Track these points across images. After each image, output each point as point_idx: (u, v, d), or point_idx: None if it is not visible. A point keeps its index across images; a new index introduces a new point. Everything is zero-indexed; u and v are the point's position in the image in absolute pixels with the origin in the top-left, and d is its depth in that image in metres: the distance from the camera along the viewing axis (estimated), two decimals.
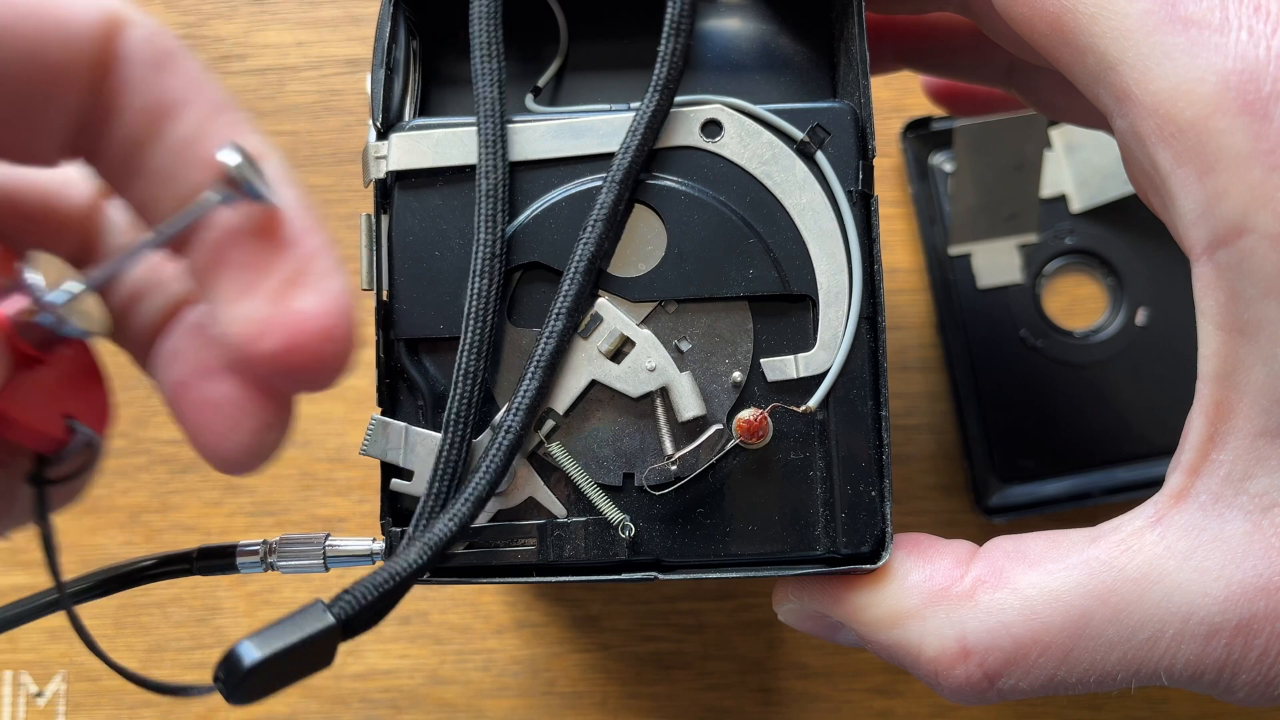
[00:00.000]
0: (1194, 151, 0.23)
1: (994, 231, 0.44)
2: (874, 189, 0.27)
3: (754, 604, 0.43)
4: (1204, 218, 0.23)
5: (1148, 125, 0.23)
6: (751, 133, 0.27)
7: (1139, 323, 0.44)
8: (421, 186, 0.27)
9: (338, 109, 0.47)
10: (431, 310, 0.27)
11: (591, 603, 0.44)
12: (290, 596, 0.44)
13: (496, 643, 0.44)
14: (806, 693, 0.43)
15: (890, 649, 0.26)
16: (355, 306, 0.21)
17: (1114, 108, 0.24)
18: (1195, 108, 0.22)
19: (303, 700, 0.44)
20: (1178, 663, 0.24)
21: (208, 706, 0.44)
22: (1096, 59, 0.24)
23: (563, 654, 0.44)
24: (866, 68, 0.27)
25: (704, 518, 0.27)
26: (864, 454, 0.26)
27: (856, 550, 0.26)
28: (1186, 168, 0.23)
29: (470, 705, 0.43)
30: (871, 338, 0.27)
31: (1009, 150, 0.42)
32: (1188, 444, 0.24)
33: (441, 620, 0.44)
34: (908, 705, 0.43)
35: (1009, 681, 0.25)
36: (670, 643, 0.44)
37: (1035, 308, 0.44)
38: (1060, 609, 0.24)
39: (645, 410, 0.27)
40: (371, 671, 0.44)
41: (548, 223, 0.27)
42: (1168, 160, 0.23)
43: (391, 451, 0.27)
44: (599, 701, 0.43)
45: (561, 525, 0.27)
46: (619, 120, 0.27)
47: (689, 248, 0.27)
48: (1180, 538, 0.24)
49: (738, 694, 0.43)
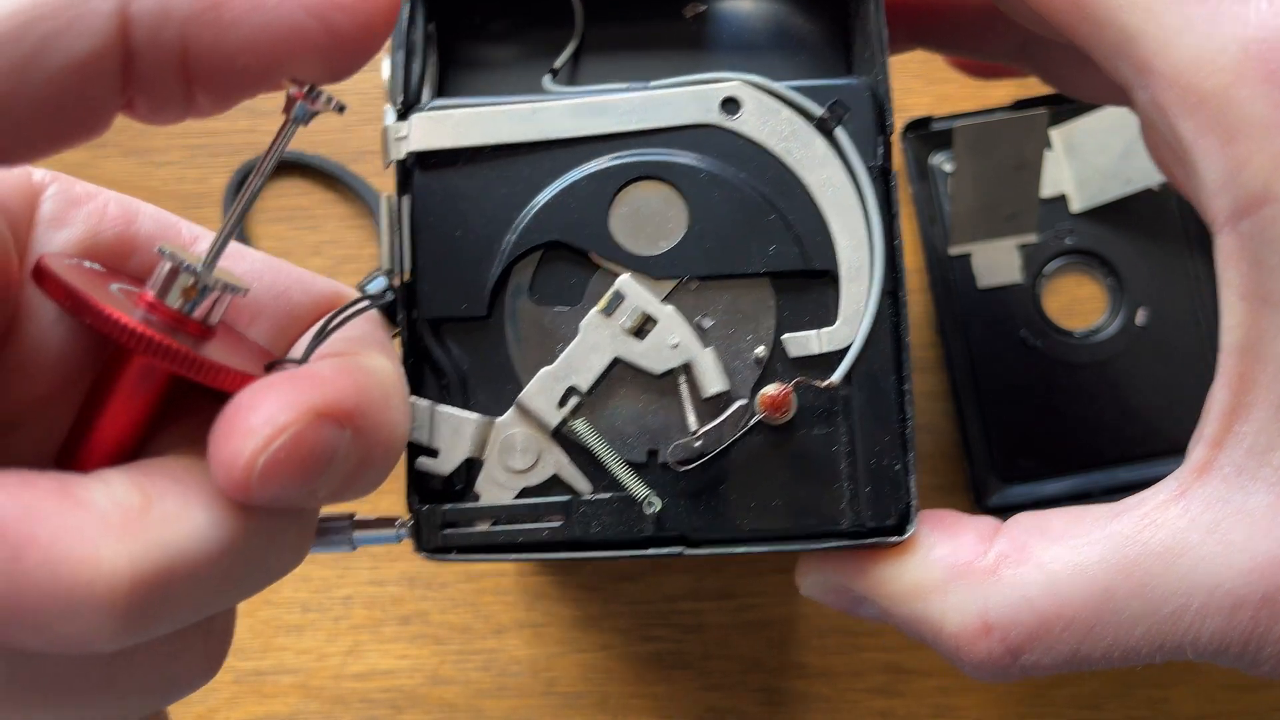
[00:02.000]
0: (1216, 121, 0.23)
1: (994, 231, 0.44)
2: (893, 164, 0.27)
3: (754, 604, 0.43)
4: (1227, 187, 0.23)
5: (1169, 96, 0.23)
6: (771, 110, 0.27)
7: (1139, 323, 0.44)
8: (442, 167, 0.27)
9: None
10: (454, 290, 0.27)
11: (591, 603, 0.44)
12: (290, 596, 0.44)
13: (496, 643, 0.44)
14: (807, 693, 0.43)
15: (912, 623, 0.26)
16: None
17: (1134, 80, 0.24)
18: (1217, 77, 0.23)
19: (303, 700, 0.44)
20: (1203, 636, 0.24)
21: (207, 707, 0.44)
22: (1116, 31, 0.24)
23: (563, 654, 0.44)
24: (884, 43, 0.27)
25: (729, 493, 0.27)
26: (888, 427, 0.27)
27: (881, 524, 0.27)
28: (1208, 138, 0.23)
29: (470, 705, 0.43)
30: (893, 312, 0.27)
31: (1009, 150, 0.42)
32: (1210, 416, 0.24)
33: (441, 620, 0.44)
34: (908, 705, 0.43)
35: (1031, 657, 0.25)
36: (670, 643, 0.44)
37: (1035, 308, 0.44)
38: (1084, 583, 0.24)
39: (668, 387, 0.27)
40: (371, 671, 0.44)
41: (569, 201, 0.27)
42: (1190, 131, 0.23)
43: (416, 430, 0.27)
44: (599, 701, 0.43)
45: (587, 502, 0.27)
46: (638, 99, 0.27)
47: (710, 225, 0.27)
48: (1204, 510, 0.24)
49: (738, 694, 0.43)
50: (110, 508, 0.19)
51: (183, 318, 0.22)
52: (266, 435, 0.19)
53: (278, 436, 0.19)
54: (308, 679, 0.44)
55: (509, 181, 0.27)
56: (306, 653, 0.44)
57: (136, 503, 0.19)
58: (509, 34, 0.30)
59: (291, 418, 0.20)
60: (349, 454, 0.21)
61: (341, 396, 0.21)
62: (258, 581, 0.22)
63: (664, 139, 0.27)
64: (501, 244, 0.27)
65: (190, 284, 0.22)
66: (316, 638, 0.44)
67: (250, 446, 0.19)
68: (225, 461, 0.20)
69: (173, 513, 0.19)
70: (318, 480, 0.20)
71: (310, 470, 0.20)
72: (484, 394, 0.27)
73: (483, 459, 0.27)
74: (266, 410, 0.20)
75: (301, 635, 0.44)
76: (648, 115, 0.27)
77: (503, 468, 0.27)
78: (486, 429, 0.27)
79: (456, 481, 0.27)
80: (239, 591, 0.22)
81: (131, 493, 0.19)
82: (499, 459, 0.27)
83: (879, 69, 0.27)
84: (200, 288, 0.22)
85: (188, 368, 0.21)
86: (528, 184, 0.27)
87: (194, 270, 0.22)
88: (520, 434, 0.27)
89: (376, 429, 0.21)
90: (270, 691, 0.44)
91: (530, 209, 0.27)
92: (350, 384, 0.21)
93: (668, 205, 0.27)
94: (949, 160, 0.45)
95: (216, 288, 0.22)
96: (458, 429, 0.27)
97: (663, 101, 0.27)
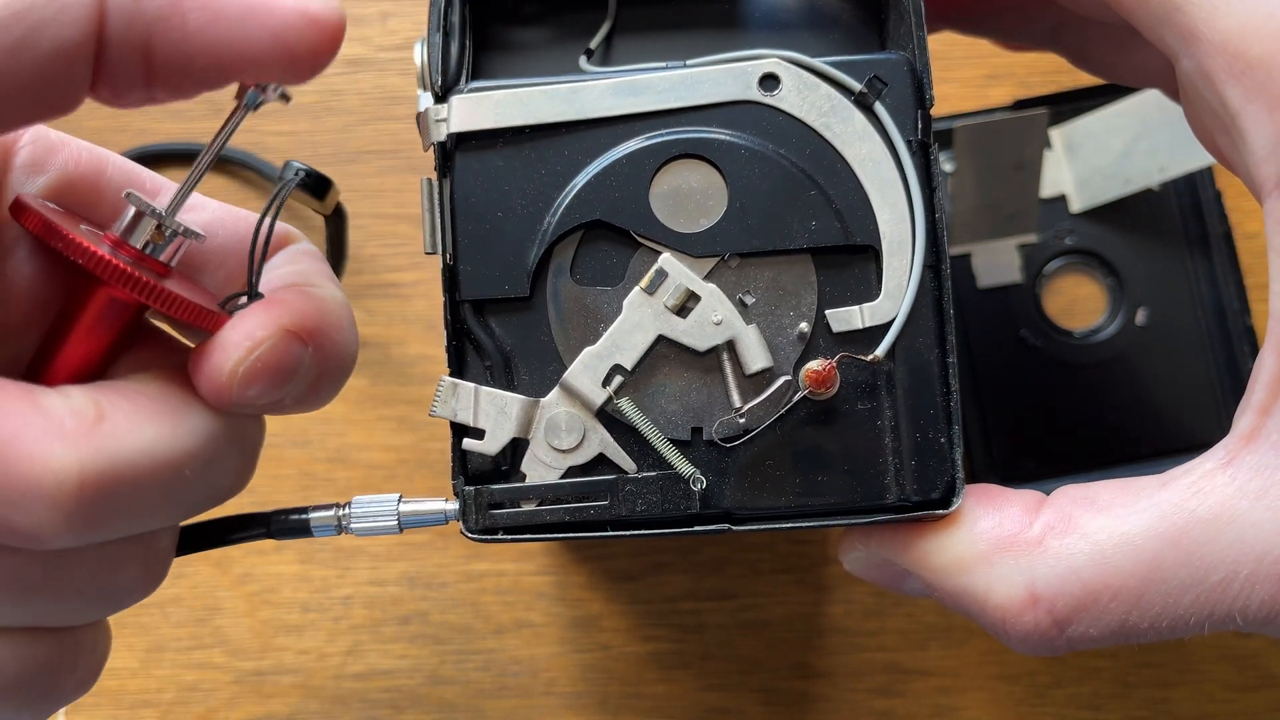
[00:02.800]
0: (1264, 87, 0.23)
1: (994, 231, 0.44)
2: (932, 138, 0.27)
3: (754, 604, 0.43)
4: (1275, 152, 0.23)
5: (1216, 63, 0.23)
6: (809, 85, 0.27)
7: (1139, 323, 0.44)
8: (482, 148, 0.27)
9: (338, 109, 0.47)
10: (496, 271, 0.27)
11: (591, 603, 0.44)
12: (290, 596, 0.44)
13: (496, 643, 0.44)
14: (806, 693, 0.43)
15: (957, 596, 0.26)
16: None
17: (1180, 48, 0.24)
18: (1265, 43, 0.23)
19: (303, 700, 0.44)
20: (1252, 604, 0.24)
21: (207, 707, 0.44)
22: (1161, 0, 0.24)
23: (563, 654, 0.44)
24: (921, 17, 0.27)
25: (773, 470, 0.27)
26: (932, 401, 0.27)
27: (927, 497, 0.26)
28: (1256, 104, 0.23)
29: (470, 705, 0.43)
30: (935, 286, 0.27)
31: (1009, 150, 0.42)
32: (1259, 383, 0.24)
33: (441, 620, 0.44)
34: (908, 705, 0.43)
35: (1079, 629, 0.25)
36: (670, 643, 0.44)
37: (1035, 308, 0.44)
38: (1131, 553, 0.24)
39: (711, 364, 0.27)
40: (371, 671, 0.44)
41: (609, 180, 0.27)
42: (1237, 97, 0.23)
43: (461, 412, 0.27)
44: (599, 701, 0.43)
45: (633, 480, 0.27)
46: (677, 77, 0.27)
47: (750, 201, 0.27)
48: (1252, 478, 0.24)
49: (738, 694, 0.43)
50: (66, 415, 0.21)
51: (145, 257, 0.24)
52: (246, 347, 0.23)
53: (256, 349, 0.23)
54: (308, 679, 0.44)
55: (549, 162, 0.27)
56: (306, 653, 0.44)
57: (90, 413, 0.21)
58: (540, 17, 0.30)
59: (267, 333, 0.23)
60: (310, 367, 0.24)
61: (305, 318, 0.24)
62: (200, 499, 0.24)
63: (703, 117, 0.27)
64: (542, 224, 0.27)
65: (154, 227, 0.24)
66: (316, 638, 0.44)
67: (233, 356, 0.23)
68: (209, 370, 0.23)
69: (124, 425, 0.22)
70: (285, 388, 0.24)
71: (280, 378, 0.24)
72: (527, 374, 0.27)
73: (528, 439, 0.27)
74: (246, 327, 0.23)
75: (301, 635, 0.44)
76: (686, 93, 0.27)
77: (548, 448, 0.27)
78: (531, 409, 0.27)
79: (502, 462, 0.27)
80: (182, 507, 0.24)
81: (88, 405, 0.22)
82: (544, 439, 0.27)
83: (916, 43, 0.27)
84: (165, 231, 0.24)
85: (147, 294, 0.23)
86: (568, 164, 0.27)
87: (158, 214, 0.24)
88: (565, 413, 0.27)
89: (333, 346, 0.25)
90: (270, 691, 0.44)
91: (571, 189, 0.27)
92: (312, 308, 0.24)
93: (708, 183, 0.27)
94: (949, 160, 0.45)
95: (179, 232, 0.24)
96: (503, 409, 0.27)
97: (701, 79, 0.27)
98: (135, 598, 0.25)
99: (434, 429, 0.45)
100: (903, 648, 0.43)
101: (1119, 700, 0.43)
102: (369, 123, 0.47)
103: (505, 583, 0.44)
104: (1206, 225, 0.44)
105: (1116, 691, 0.43)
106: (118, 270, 0.23)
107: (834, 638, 0.43)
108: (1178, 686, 0.42)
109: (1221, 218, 0.44)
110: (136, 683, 0.44)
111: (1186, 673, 0.43)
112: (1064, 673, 0.43)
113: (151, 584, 0.25)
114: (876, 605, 0.43)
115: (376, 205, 0.46)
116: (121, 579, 0.24)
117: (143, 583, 0.25)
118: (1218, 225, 0.44)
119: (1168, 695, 0.43)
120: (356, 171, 0.46)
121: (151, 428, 0.22)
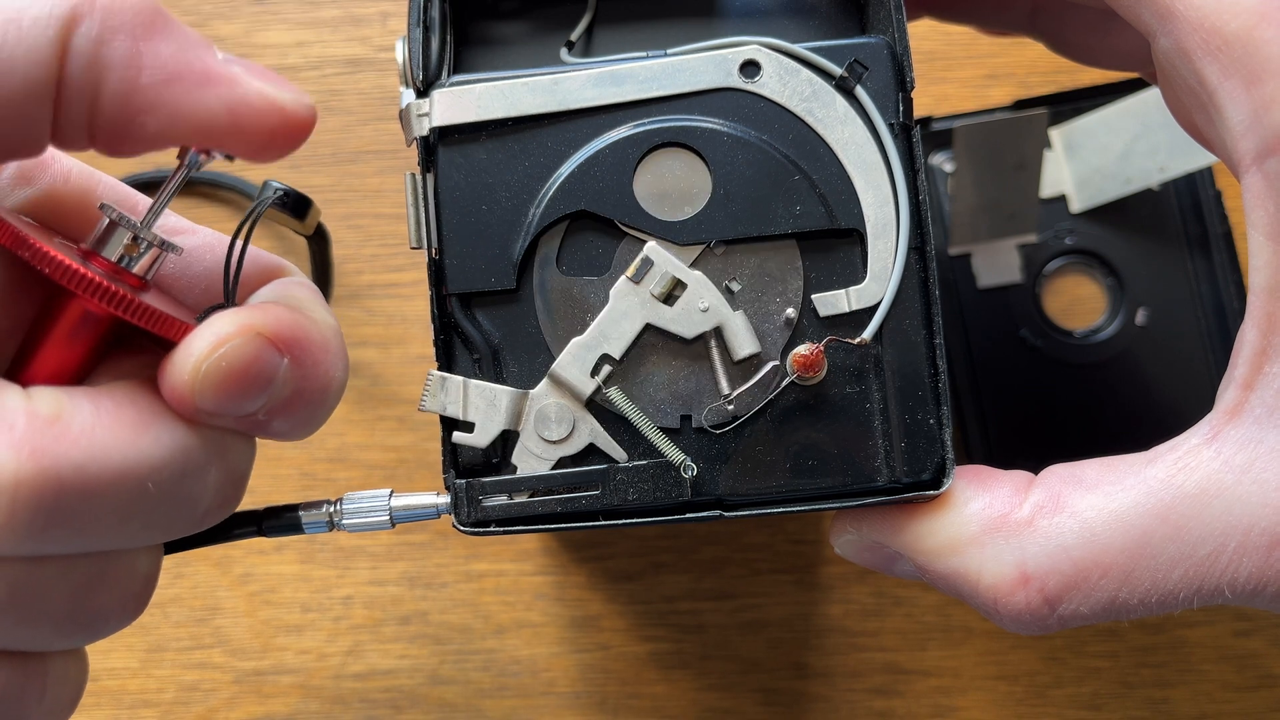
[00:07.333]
0: (1240, 63, 0.23)
1: (994, 231, 0.44)
2: (914, 120, 0.27)
3: (754, 604, 0.43)
4: (1252, 128, 0.23)
5: (1193, 40, 0.24)
6: (790, 71, 0.27)
7: (1139, 323, 0.44)
8: (465, 142, 0.27)
9: (338, 109, 0.47)
10: (482, 264, 0.27)
11: (591, 603, 0.44)
12: (290, 596, 0.44)
13: (496, 643, 0.44)
14: (806, 693, 0.43)
15: (948, 578, 0.26)
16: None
17: (1157, 26, 0.24)
18: (1241, 19, 0.23)
19: (303, 700, 0.44)
20: (1240, 576, 0.24)
21: (207, 707, 0.44)
22: None
23: (563, 654, 0.44)
24: (900, 1, 0.27)
25: (764, 455, 0.27)
26: (921, 382, 0.27)
27: (917, 478, 0.27)
28: (1233, 79, 0.23)
29: (470, 705, 0.43)
30: (921, 268, 0.27)
31: (1009, 150, 0.42)
32: (1240, 359, 0.24)
33: (441, 620, 0.44)
34: (907, 705, 0.43)
35: (1070, 606, 0.25)
36: (670, 643, 0.44)
37: (1035, 308, 0.44)
38: (1120, 530, 0.24)
39: (699, 352, 0.27)
40: (371, 671, 0.44)
41: (593, 171, 0.27)
42: (1214, 73, 0.23)
43: (451, 405, 0.27)
44: (599, 701, 0.43)
45: (624, 469, 0.27)
46: (658, 66, 0.27)
47: (734, 188, 0.27)
48: (1237, 452, 0.24)
49: (737, 694, 0.43)
50: (20, 414, 0.20)
51: (118, 269, 0.23)
52: (211, 343, 0.22)
53: (220, 346, 0.22)
54: (308, 679, 0.44)
55: (532, 154, 0.27)
56: (306, 653, 0.44)
57: (46, 414, 0.21)
58: (520, 11, 0.31)
59: (233, 332, 0.22)
60: (286, 381, 0.23)
61: (280, 326, 0.23)
62: (175, 518, 0.23)
63: (685, 105, 0.27)
64: (527, 216, 0.27)
65: (128, 239, 0.23)
66: (316, 638, 0.44)
67: (196, 354, 0.22)
68: (170, 370, 0.22)
69: (78, 429, 0.21)
70: (254, 397, 0.22)
71: (247, 384, 0.22)
72: (516, 367, 0.27)
73: (518, 431, 0.27)
74: (213, 327, 0.22)
75: (301, 635, 0.44)
76: (668, 81, 0.27)
77: (538, 439, 0.27)
78: (521, 401, 0.27)
79: (493, 455, 0.27)
80: (152, 526, 0.23)
81: (49, 406, 0.21)
82: (534, 430, 0.27)
83: (896, 26, 0.27)
84: (139, 243, 0.24)
85: (115, 304, 0.22)
86: (551, 155, 0.27)
87: (132, 225, 0.23)
88: (554, 404, 0.27)
89: (315, 364, 0.23)
90: (270, 691, 0.44)
91: (555, 180, 0.27)
92: (290, 318, 0.23)
93: (691, 170, 0.27)
94: (949, 160, 0.45)
95: (155, 244, 0.24)
96: (492, 402, 0.27)
97: (682, 67, 0.27)
98: (113, 625, 0.24)
99: (434, 429, 0.45)
100: (902, 648, 0.43)
101: (1119, 700, 0.43)
102: (368, 123, 0.47)
103: (505, 583, 0.44)
104: (1206, 225, 0.44)
105: (1116, 691, 0.43)
106: (83, 279, 0.22)
107: (833, 638, 0.43)
108: (1178, 686, 0.42)
109: (1221, 218, 0.44)
110: (136, 683, 0.44)
111: (1186, 673, 0.43)
112: (1064, 673, 0.43)
113: (130, 611, 0.24)
114: (876, 605, 0.43)
115: (376, 205, 0.46)
116: (94, 603, 0.23)
117: (119, 609, 0.24)
118: (1218, 225, 0.44)
119: (1168, 695, 0.42)
120: (356, 171, 0.46)
121: (108, 434, 0.21)
